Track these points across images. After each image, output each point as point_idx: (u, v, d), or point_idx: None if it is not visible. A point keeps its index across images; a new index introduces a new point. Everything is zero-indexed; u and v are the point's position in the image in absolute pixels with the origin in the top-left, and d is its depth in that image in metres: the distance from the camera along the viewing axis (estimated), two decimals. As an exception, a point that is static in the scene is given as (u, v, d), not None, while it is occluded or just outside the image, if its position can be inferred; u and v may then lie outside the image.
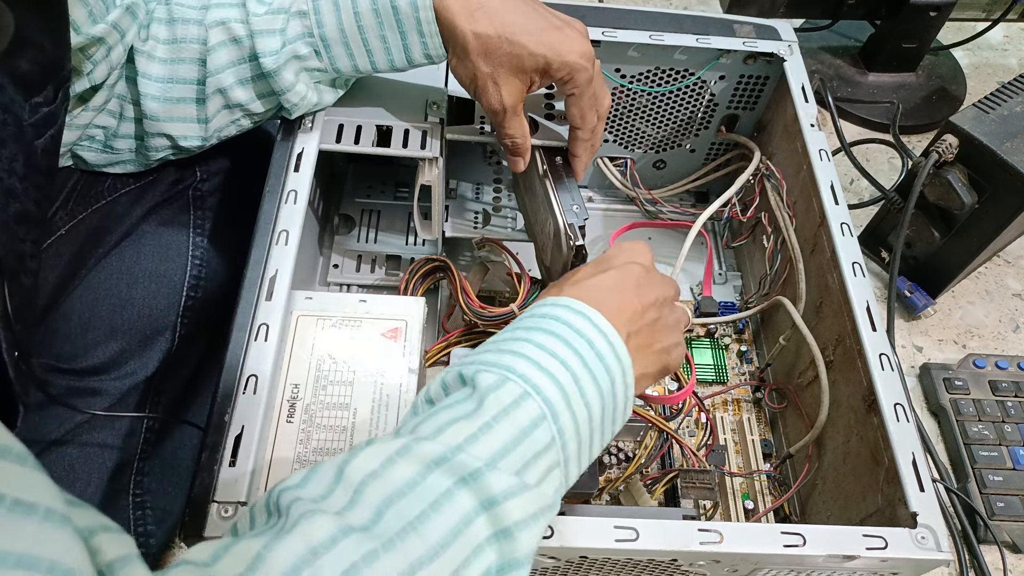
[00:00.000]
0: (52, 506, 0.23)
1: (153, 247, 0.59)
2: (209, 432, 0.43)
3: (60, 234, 0.56)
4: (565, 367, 0.38)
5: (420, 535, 0.32)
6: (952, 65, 1.07)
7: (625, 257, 0.47)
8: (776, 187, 0.68)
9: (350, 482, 0.34)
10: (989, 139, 0.68)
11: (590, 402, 0.39)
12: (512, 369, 0.38)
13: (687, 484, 0.57)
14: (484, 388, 0.37)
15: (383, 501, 0.33)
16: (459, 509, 0.33)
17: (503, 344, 0.40)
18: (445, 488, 0.33)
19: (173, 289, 0.59)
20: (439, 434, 0.36)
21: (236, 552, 0.31)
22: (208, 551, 0.31)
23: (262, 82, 0.54)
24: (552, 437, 0.37)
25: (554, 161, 0.58)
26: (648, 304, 0.45)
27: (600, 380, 0.39)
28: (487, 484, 0.34)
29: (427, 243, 0.74)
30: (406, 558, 0.31)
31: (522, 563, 0.34)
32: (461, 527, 0.33)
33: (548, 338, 0.40)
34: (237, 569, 0.30)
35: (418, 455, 0.34)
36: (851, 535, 0.43)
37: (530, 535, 0.34)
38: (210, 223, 0.62)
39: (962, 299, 0.84)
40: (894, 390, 0.50)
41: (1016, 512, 0.67)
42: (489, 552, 0.33)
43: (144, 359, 0.57)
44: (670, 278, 0.49)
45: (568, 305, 0.41)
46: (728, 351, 0.73)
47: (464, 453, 0.34)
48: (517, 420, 0.36)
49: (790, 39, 0.69)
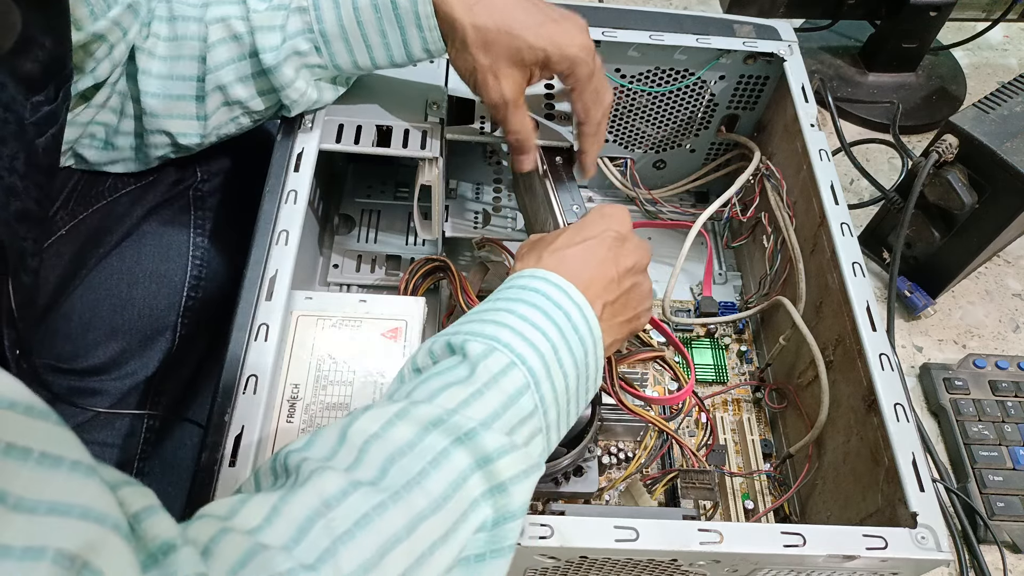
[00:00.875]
0: (79, 458, 0.24)
1: (154, 247, 0.59)
2: (209, 432, 0.43)
3: (61, 234, 0.56)
4: (545, 338, 0.40)
5: (423, 489, 0.34)
6: (952, 65, 1.07)
7: (603, 224, 0.48)
8: (776, 187, 0.68)
9: (353, 443, 0.35)
10: (989, 139, 0.68)
11: (567, 372, 0.41)
12: (497, 339, 0.39)
13: (687, 484, 0.57)
14: (475, 356, 0.39)
15: (387, 459, 0.35)
16: (456, 467, 0.35)
17: (486, 315, 0.42)
18: (442, 447, 0.35)
19: (173, 289, 0.59)
20: (434, 398, 0.37)
21: (252, 505, 0.32)
22: (225, 506, 0.32)
23: (262, 79, 0.54)
24: (535, 405, 0.39)
25: (554, 161, 0.58)
26: (624, 271, 0.47)
27: (575, 351, 0.41)
28: (482, 443, 0.36)
29: (427, 243, 0.74)
30: (411, 510, 0.33)
31: (516, 515, 0.36)
32: (459, 483, 0.35)
33: (529, 310, 0.41)
34: (254, 521, 0.31)
35: (416, 417, 0.36)
36: (851, 535, 0.43)
37: (522, 489, 0.37)
38: (211, 223, 0.62)
39: (962, 299, 0.84)
40: (894, 390, 0.50)
41: (1016, 512, 0.67)
42: (484, 507, 0.35)
43: (144, 359, 0.57)
44: (645, 243, 0.51)
45: (546, 278, 0.43)
46: (728, 351, 0.73)
47: (459, 415, 0.36)
48: (505, 388, 0.38)
49: (790, 39, 0.69)
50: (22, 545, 0.21)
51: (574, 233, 0.48)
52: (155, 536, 0.27)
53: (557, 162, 0.58)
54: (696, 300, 0.76)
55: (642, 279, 0.49)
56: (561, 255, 0.46)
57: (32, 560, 0.21)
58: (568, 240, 0.47)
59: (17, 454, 0.22)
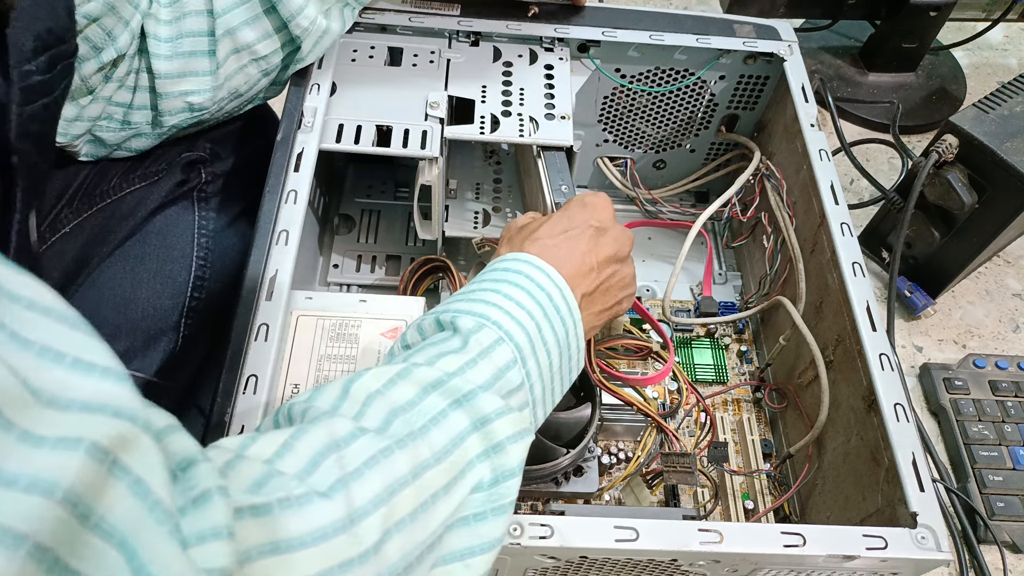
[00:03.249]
0: (110, 365, 0.24)
1: (158, 247, 0.59)
2: (209, 432, 0.43)
3: (64, 232, 0.56)
4: (530, 316, 0.42)
5: (425, 441, 0.35)
6: (952, 65, 1.07)
7: (584, 215, 0.50)
8: (776, 187, 0.68)
9: (356, 398, 0.37)
10: (989, 139, 0.68)
11: (550, 350, 0.43)
12: (486, 316, 0.41)
13: (668, 468, 0.57)
14: (466, 331, 0.40)
15: (389, 412, 0.36)
16: (455, 426, 0.36)
17: (472, 295, 0.43)
18: (441, 408, 0.37)
19: (177, 289, 0.59)
20: (433, 363, 0.39)
21: (263, 440, 0.33)
22: (235, 442, 0.33)
23: (272, 16, 0.55)
24: (522, 379, 0.41)
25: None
26: (603, 260, 0.48)
27: (557, 330, 0.43)
28: (480, 405, 0.37)
29: (427, 243, 0.74)
30: (416, 457, 0.34)
31: (515, 472, 0.38)
32: (458, 441, 0.36)
33: (514, 289, 0.43)
34: (267, 453, 0.32)
35: (417, 378, 0.38)
36: (851, 535, 0.43)
37: (519, 448, 0.38)
38: (214, 224, 0.62)
39: (962, 299, 0.84)
40: (894, 390, 0.50)
41: (1016, 512, 0.67)
42: (481, 467, 0.37)
43: (147, 359, 0.57)
44: (626, 231, 0.52)
45: (529, 261, 0.45)
46: (728, 351, 0.73)
47: (458, 378, 0.38)
48: (495, 360, 0.40)
49: (790, 39, 0.69)
50: (56, 435, 0.21)
51: (555, 223, 0.49)
52: (176, 452, 0.28)
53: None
54: (696, 300, 0.76)
55: (621, 267, 0.50)
56: (542, 244, 0.47)
57: (66, 450, 0.21)
58: (549, 230, 0.48)
59: (51, 356, 0.22)
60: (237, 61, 0.56)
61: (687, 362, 0.71)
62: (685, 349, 0.72)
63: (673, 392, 0.67)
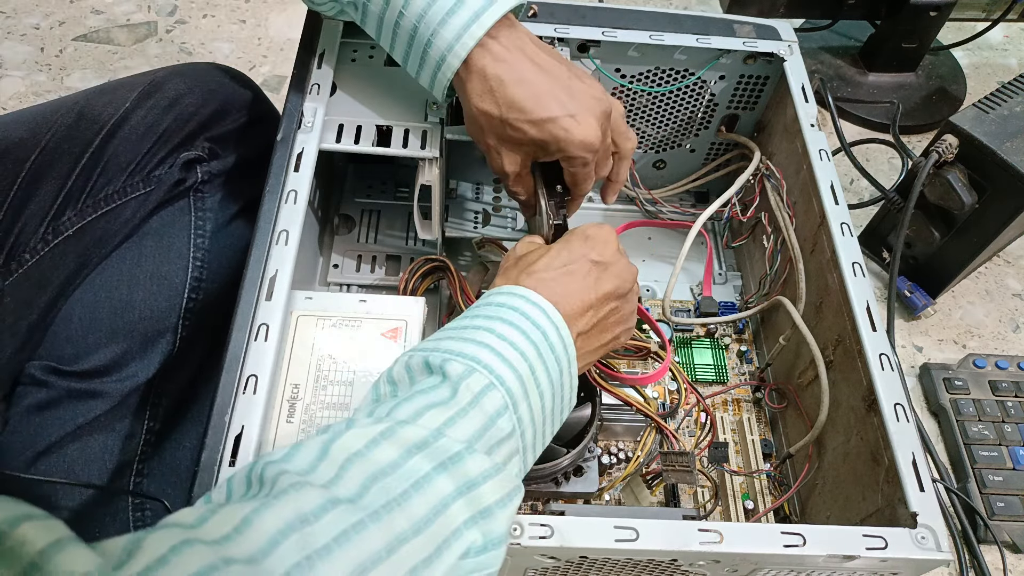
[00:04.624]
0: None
1: (154, 249, 0.59)
2: (209, 432, 0.43)
3: (67, 235, 0.56)
4: (523, 358, 0.41)
5: (404, 511, 0.33)
6: (952, 65, 1.07)
7: (585, 249, 0.48)
8: (776, 187, 0.68)
9: (335, 460, 0.35)
10: (989, 139, 0.68)
11: (543, 392, 0.41)
12: (478, 359, 0.39)
13: (667, 467, 0.57)
14: (455, 377, 0.39)
15: (368, 478, 0.34)
16: (439, 492, 0.34)
17: (464, 332, 0.42)
18: (425, 472, 0.35)
19: (174, 291, 0.59)
20: (418, 418, 0.37)
21: (224, 514, 0.31)
22: (194, 514, 0.31)
23: None
24: (513, 426, 0.39)
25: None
26: (602, 297, 0.47)
27: (551, 370, 0.42)
28: (466, 467, 0.36)
29: (427, 243, 0.73)
30: (392, 530, 0.32)
31: (500, 542, 0.36)
32: (441, 508, 0.34)
33: (508, 328, 0.42)
34: (224, 530, 0.30)
35: (400, 438, 0.36)
36: (851, 535, 0.43)
37: (506, 514, 0.37)
38: (211, 224, 0.62)
39: (962, 299, 0.84)
40: (894, 390, 0.50)
41: (1016, 512, 0.67)
42: (470, 532, 0.35)
43: (145, 361, 0.57)
44: (630, 265, 0.51)
45: (526, 296, 0.44)
46: (728, 351, 0.73)
47: (444, 437, 0.36)
48: (485, 408, 0.38)
49: (790, 39, 0.69)
50: None
51: (554, 256, 0.48)
52: (69, 573, 0.25)
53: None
54: (696, 300, 0.76)
55: (621, 304, 0.49)
56: (539, 278, 0.46)
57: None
58: (547, 263, 0.47)
59: None
60: None
61: (687, 362, 0.71)
62: (685, 349, 0.72)
63: (673, 392, 0.67)
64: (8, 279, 0.52)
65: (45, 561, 0.25)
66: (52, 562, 0.25)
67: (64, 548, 0.26)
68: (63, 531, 0.26)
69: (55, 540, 0.26)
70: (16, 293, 0.52)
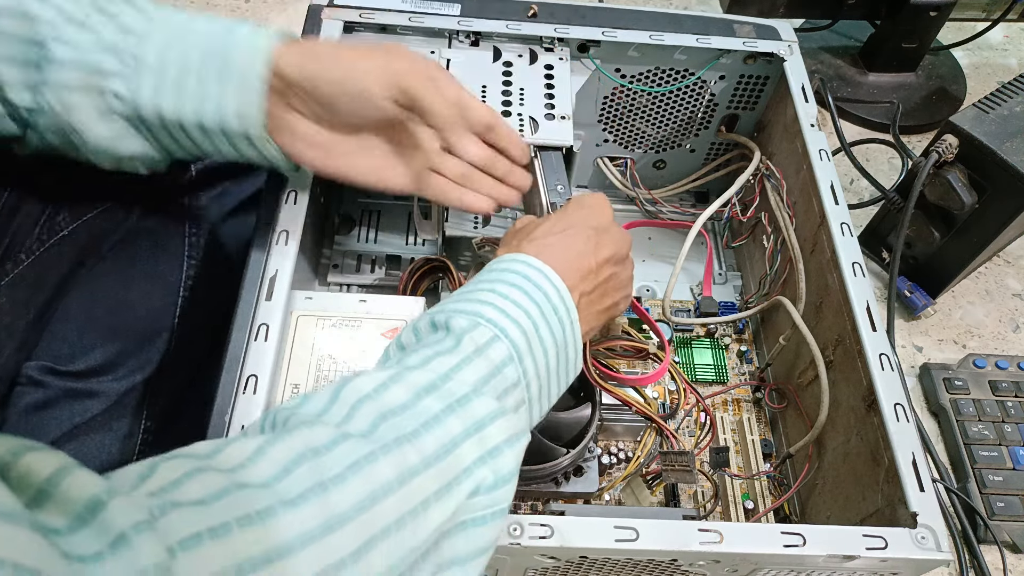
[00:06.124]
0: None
1: (148, 247, 0.59)
2: (209, 432, 0.43)
3: (63, 234, 0.56)
4: (527, 315, 0.42)
5: (414, 447, 0.34)
6: (952, 65, 1.07)
7: (582, 215, 0.49)
8: (776, 187, 0.68)
9: (346, 401, 0.36)
10: (989, 139, 0.68)
11: (547, 348, 0.42)
12: (481, 315, 0.41)
13: (666, 466, 0.57)
14: (459, 330, 0.40)
15: (378, 416, 0.35)
16: (448, 432, 0.35)
17: (468, 295, 0.43)
18: (434, 413, 0.36)
19: (169, 289, 0.59)
20: (426, 364, 0.38)
21: (236, 446, 0.32)
22: (208, 447, 0.32)
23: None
24: (519, 376, 0.40)
25: None
26: (601, 261, 0.48)
27: (555, 329, 0.43)
28: (474, 409, 0.37)
29: (427, 243, 0.73)
30: (403, 463, 0.33)
31: (510, 477, 0.37)
32: (450, 447, 0.35)
33: (510, 289, 0.43)
34: (236, 460, 0.31)
35: (409, 381, 0.37)
36: (851, 535, 0.43)
37: (514, 452, 0.38)
38: (206, 222, 0.62)
39: (962, 299, 0.84)
40: (894, 390, 0.50)
41: (1016, 512, 0.67)
42: (480, 471, 0.36)
43: (142, 360, 0.57)
44: (625, 233, 0.52)
45: (526, 261, 0.45)
46: (728, 351, 0.73)
47: (452, 380, 0.37)
48: (491, 358, 0.39)
49: (790, 39, 0.69)
50: None
51: (553, 223, 0.49)
52: (77, 497, 0.25)
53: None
54: (696, 300, 0.76)
55: (620, 269, 0.50)
56: (540, 244, 0.47)
57: None
58: (547, 230, 0.48)
59: None
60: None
61: (687, 362, 0.71)
62: (685, 349, 0.72)
63: (673, 392, 0.67)
64: (4, 279, 0.52)
65: (52, 486, 0.25)
66: (60, 486, 0.25)
67: (71, 472, 0.26)
68: (67, 459, 0.27)
69: (61, 466, 0.26)
70: (12, 293, 0.52)
